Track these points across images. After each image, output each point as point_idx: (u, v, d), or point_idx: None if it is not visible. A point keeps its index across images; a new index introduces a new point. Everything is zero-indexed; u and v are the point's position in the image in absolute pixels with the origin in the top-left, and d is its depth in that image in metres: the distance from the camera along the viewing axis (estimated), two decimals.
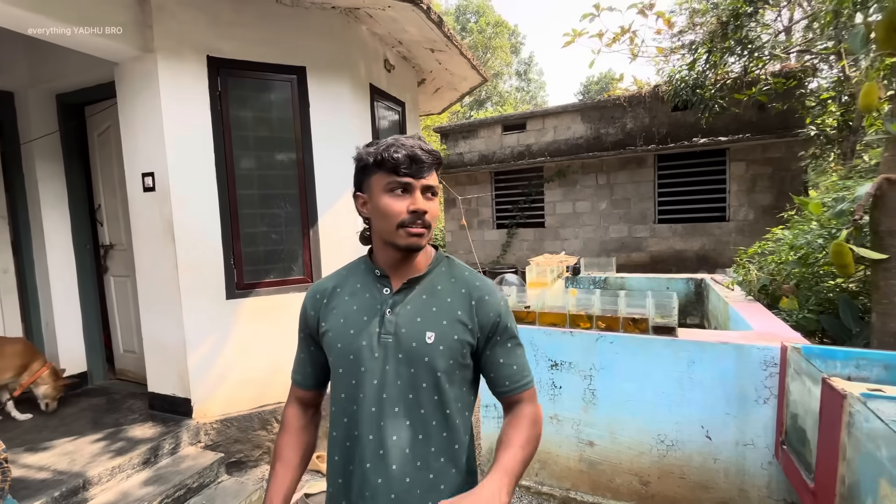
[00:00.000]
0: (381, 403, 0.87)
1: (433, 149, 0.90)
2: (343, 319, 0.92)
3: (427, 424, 0.88)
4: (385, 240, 0.91)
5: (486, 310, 0.93)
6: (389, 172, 0.87)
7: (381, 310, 0.91)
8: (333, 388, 0.95)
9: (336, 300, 0.95)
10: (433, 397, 0.88)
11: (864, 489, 1.24)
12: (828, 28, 4.86)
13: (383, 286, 0.94)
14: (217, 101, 2.71)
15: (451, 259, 1.02)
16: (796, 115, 6.08)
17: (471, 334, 0.91)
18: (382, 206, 0.87)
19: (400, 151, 0.86)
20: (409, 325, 0.89)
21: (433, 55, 3.83)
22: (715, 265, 7.02)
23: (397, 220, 0.86)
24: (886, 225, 2.08)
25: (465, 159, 9.34)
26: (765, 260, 3.18)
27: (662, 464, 2.18)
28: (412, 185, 0.87)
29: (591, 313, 2.36)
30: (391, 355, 0.88)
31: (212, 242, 2.74)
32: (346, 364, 0.90)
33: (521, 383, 0.95)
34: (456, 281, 0.96)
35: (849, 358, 1.70)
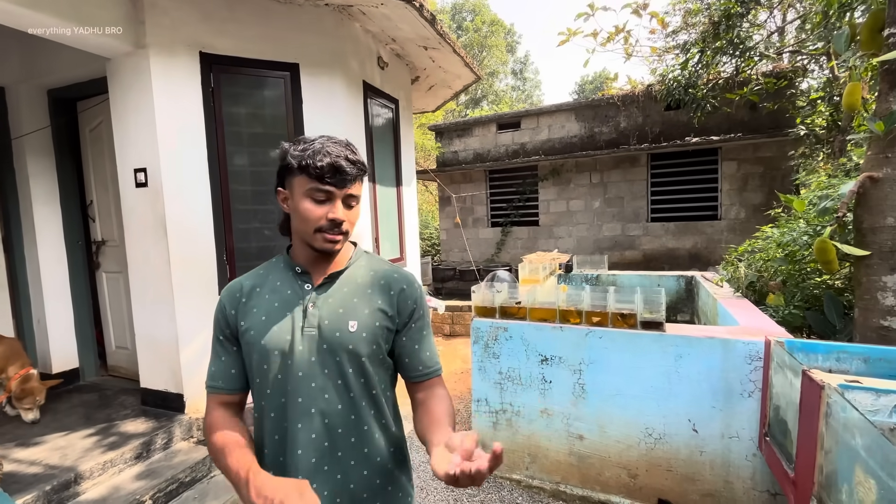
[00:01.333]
0: (309, 392, 0.90)
1: (359, 159, 0.92)
2: (265, 317, 0.93)
3: (357, 405, 0.94)
4: (303, 240, 0.94)
5: (405, 298, 1.00)
6: (312, 179, 0.87)
7: (303, 304, 0.94)
8: (257, 386, 0.94)
9: (255, 299, 0.96)
10: (360, 380, 0.94)
11: (841, 477, 1.27)
12: (817, 29, 4.92)
13: (304, 282, 0.96)
14: (210, 98, 2.72)
15: (370, 254, 1.08)
16: (787, 115, 6.15)
17: (391, 321, 0.98)
18: (302, 209, 0.89)
19: (324, 160, 0.86)
20: (331, 317, 0.93)
21: (427, 53, 3.85)
22: (707, 263, 7.09)
23: (315, 226, 0.89)
24: (869, 222, 2.12)
25: (460, 157, 9.36)
26: (753, 257, 3.23)
27: (650, 457, 2.22)
28: (334, 194, 0.89)
29: (580, 309, 2.39)
30: (316, 347, 0.91)
31: (204, 238, 2.75)
32: (270, 359, 0.91)
33: (434, 368, 1.02)
34: (375, 273, 1.01)
35: (830, 351, 1.74)
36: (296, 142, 0.93)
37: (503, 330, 2.52)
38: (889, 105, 2.05)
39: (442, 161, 9.59)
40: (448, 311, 5.59)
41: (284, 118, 2.95)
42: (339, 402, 0.92)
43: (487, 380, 2.58)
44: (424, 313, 1.04)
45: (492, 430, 2.58)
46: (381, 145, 3.75)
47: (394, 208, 3.97)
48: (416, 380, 1.01)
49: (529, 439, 2.49)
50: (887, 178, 2.05)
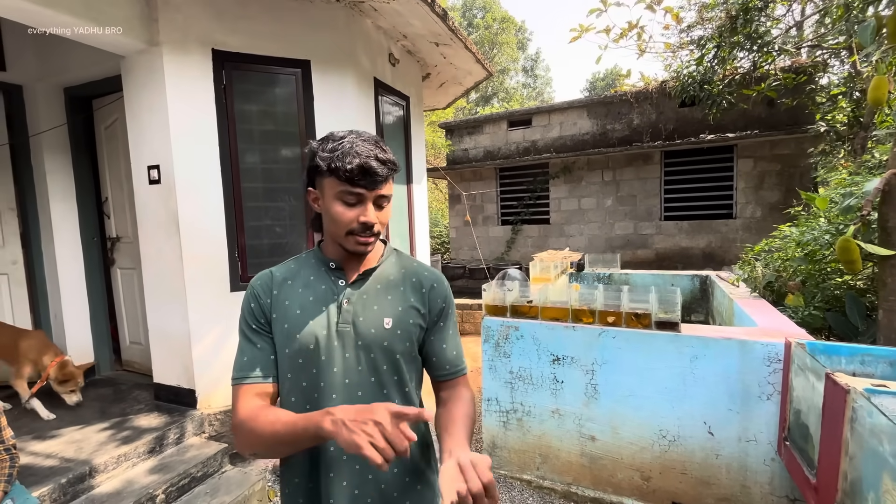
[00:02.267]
0: (344, 389, 0.90)
1: (389, 157, 0.90)
2: (300, 310, 0.92)
3: (391, 401, 0.91)
4: (335, 240, 0.94)
5: (435, 296, 1.01)
6: (342, 181, 0.86)
7: (337, 300, 0.94)
8: (288, 380, 0.92)
9: (288, 291, 0.95)
10: (393, 377, 0.94)
11: (867, 484, 1.23)
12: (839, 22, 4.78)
13: (338, 278, 0.96)
14: (222, 95, 2.72)
15: (399, 251, 1.08)
16: (806, 111, 6.00)
17: (423, 319, 0.99)
18: (333, 212, 0.88)
19: (353, 161, 0.84)
20: (366, 314, 0.93)
21: (438, 49, 3.82)
22: (721, 263, 6.96)
23: (347, 229, 0.89)
24: (894, 221, 2.05)
25: (470, 155, 9.32)
26: (771, 257, 3.15)
27: (664, 459, 2.18)
28: (364, 196, 0.87)
29: (593, 308, 2.36)
30: (350, 343, 0.91)
31: (216, 235, 2.76)
32: (305, 354, 0.90)
33: (460, 367, 1.03)
34: (406, 271, 1.02)
35: (853, 354, 1.69)
36: (324, 140, 0.91)
37: (514, 329, 2.50)
38: None
39: (452, 159, 9.56)
40: (458, 309, 5.57)
41: (296, 115, 2.95)
42: (372, 398, 0.92)
43: (498, 379, 2.56)
44: (452, 312, 1.05)
45: (502, 430, 2.56)
46: (391, 143, 3.74)
47: (404, 206, 3.96)
48: (442, 378, 1.02)
49: (540, 439, 2.46)
50: None
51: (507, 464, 2.56)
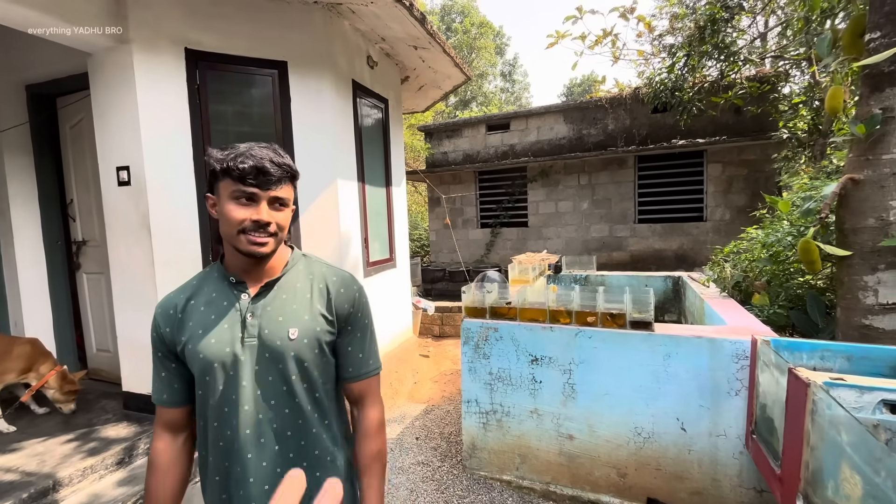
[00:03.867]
0: (255, 400, 0.92)
1: (286, 162, 0.92)
2: (202, 330, 0.92)
3: (303, 409, 0.96)
4: (230, 245, 0.93)
5: (342, 301, 1.01)
6: (235, 181, 0.87)
7: (241, 315, 0.94)
8: (200, 397, 0.95)
9: (190, 312, 0.95)
10: (303, 385, 0.96)
11: (827, 473, 1.29)
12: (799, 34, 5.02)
13: (240, 292, 0.96)
14: (196, 95, 2.67)
15: (309, 256, 1.07)
16: (770, 119, 6.27)
17: (331, 325, 1.00)
18: (226, 212, 0.89)
19: (247, 162, 0.86)
20: (271, 326, 0.94)
21: (416, 52, 3.84)
22: (693, 264, 7.19)
23: (238, 227, 0.89)
24: (850, 223, 2.17)
25: (450, 158, 9.36)
26: (738, 258, 3.28)
27: (639, 456, 2.23)
28: (258, 196, 0.89)
29: (570, 309, 2.40)
30: (258, 356, 0.93)
31: (190, 238, 2.70)
32: (212, 372, 0.91)
33: (364, 371, 1.05)
34: (314, 277, 1.02)
35: (814, 350, 1.77)
36: (222, 149, 0.92)
37: (493, 330, 2.52)
38: (870, 108, 2.09)
39: (431, 162, 9.58)
40: (438, 311, 5.57)
41: (272, 117, 2.91)
42: (285, 406, 0.94)
43: (478, 380, 2.57)
44: (363, 315, 1.06)
45: (482, 431, 2.57)
46: (370, 145, 3.72)
47: (383, 209, 3.95)
48: (346, 380, 1.05)
49: (519, 440, 2.49)
50: (868, 180, 2.10)
51: (487, 465, 2.58)
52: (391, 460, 2.78)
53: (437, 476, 2.60)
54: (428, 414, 3.41)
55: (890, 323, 2.11)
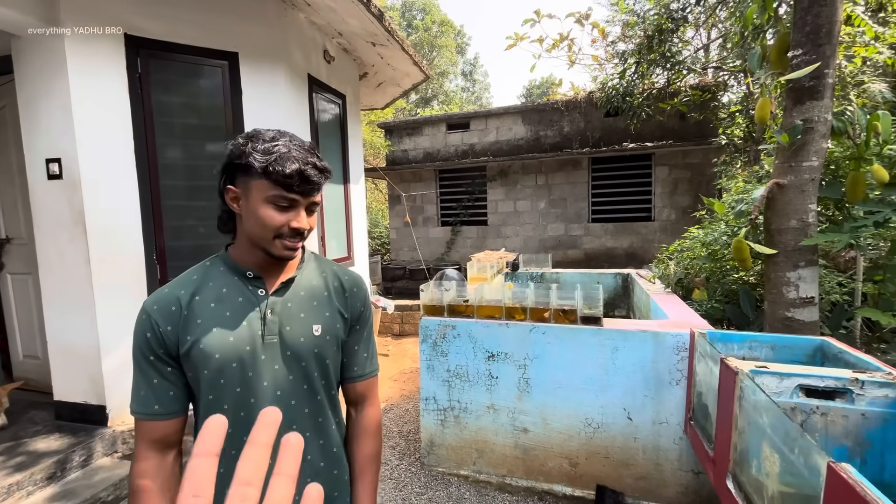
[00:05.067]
0: (276, 400, 0.89)
1: (326, 165, 0.89)
2: (216, 327, 0.86)
3: (323, 408, 0.96)
4: (257, 245, 0.88)
5: (356, 300, 1.02)
6: (276, 185, 0.82)
7: (260, 312, 0.89)
8: (209, 402, 0.87)
9: (198, 308, 0.87)
10: (322, 382, 0.95)
11: (751, 453, 1.41)
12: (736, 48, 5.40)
13: (258, 287, 0.91)
14: (137, 84, 2.51)
15: (318, 255, 1.06)
16: (711, 125, 6.70)
17: (346, 323, 0.99)
18: (262, 215, 0.84)
19: (290, 166, 0.81)
20: (293, 323, 0.91)
21: (375, 49, 3.80)
22: (642, 262, 7.56)
23: (276, 233, 0.85)
24: (776, 224, 2.36)
25: (410, 156, 9.33)
26: (681, 256, 3.49)
27: (590, 445, 2.33)
28: (299, 203, 0.86)
29: (525, 305, 2.47)
30: (279, 354, 0.89)
31: (131, 236, 2.54)
32: (229, 373, 0.86)
33: (369, 370, 1.05)
34: (328, 275, 1.01)
35: (744, 340, 1.92)
36: (252, 139, 0.85)
37: (451, 328, 2.55)
38: (793, 119, 2.29)
39: (392, 159, 9.51)
40: (398, 310, 5.55)
41: (222, 109, 2.79)
42: (306, 406, 0.93)
43: (436, 378, 2.60)
44: (370, 314, 1.06)
45: (440, 428, 2.60)
46: (327, 141, 3.65)
47: (341, 206, 3.88)
48: (349, 380, 1.03)
49: (476, 435, 2.53)
50: (791, 185, 2.29)
51: (445, 461, 2.61)
52: None
53: (395, 475, 2.60)
54: (387, 413, 3.40)
55: (808, 315, 2.32)
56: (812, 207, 2.29)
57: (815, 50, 2.22)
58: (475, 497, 2.41)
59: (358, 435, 1.03)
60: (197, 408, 0.90)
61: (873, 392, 1.44)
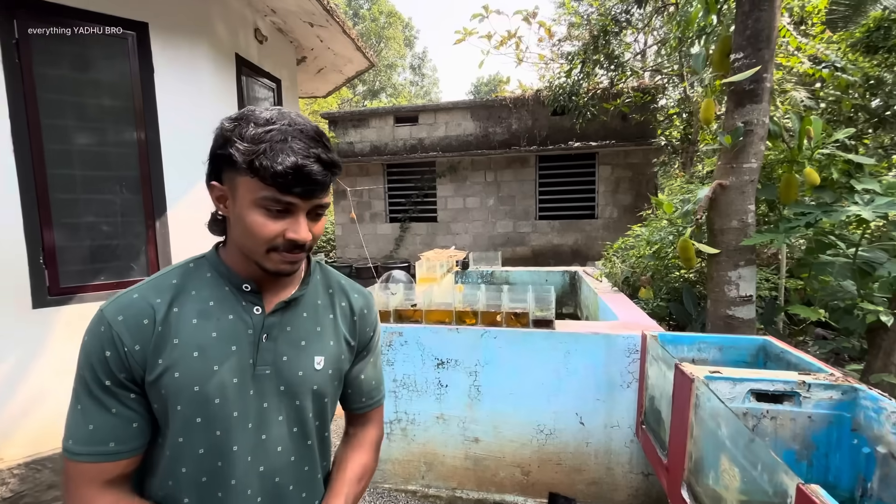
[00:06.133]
0: (257, 447, 0.71)
1: (333, 158, 0.68)
2: (197, 352, 0.68)
3: (312, 455, 0.79)
4: (249, 257, 0.71)
5: (365, 325, 0.86)
6: (267, 185, 0.63)
7: (253, 336, 0.72)
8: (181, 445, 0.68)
9: (177, 325, 0.69)
10: (316, 423, 0.79)
11: (708, 464, 1.37)
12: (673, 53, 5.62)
13: (253, 304, 0.73)
14: (13, 53, 2.09)
15: (323, 265, 0.88)
16: (651, 127, 6.98)
17: (352, 351, 0.84)
18: (250, 222, 0.66)
19: (286, 161, 0.62)
20: (292, 352, 0.74)
21: (313, 30, 3.50)
22: (586, 258, 7.77)
23: (268, 245, 0.67)
24: (718, 224, 2.40)
25: (356, 149, 8.97)
26: (627, 254, 3.53)
27: (542, 453, 2.25)
28: (297, 207, 0.66)
29: (476, 309, 2.34)
30: (271, 389, 0.72)
31: (7, 234, 2.11)
32: (207, 411, 0.67)
33: (376, 399, 0.91)
34: (334, 292, 0.84)
35: (693, 342, 1.91)
36: (241, 121, 0.65)
37: (398, 335, 2.37)
38: (735, 122, 2.32)
39: (337, 152, 9.09)
40: None
41: (129, 88, 2.41)
42: (292, 453, 0.75)
43: None
44: (378, 339, 0.92)
45: (386, 442, 2.42)
46: None
47: None
48: (355, 411, 0.90)
49: (425, 447, 2.38)
50: (733, 186, 2.33)
51: (392, 477, 2.43)
52: None
53: None
54: None
55: (747, 313, 2.38)
56: (751, 208, 2.34)
57: (756, 54, 2.26)
58: None
59: (353, 446, 0.88)
60: (154, 451, 0.70)
61: (819, 394, 1.44)
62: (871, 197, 2.07)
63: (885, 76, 3.38)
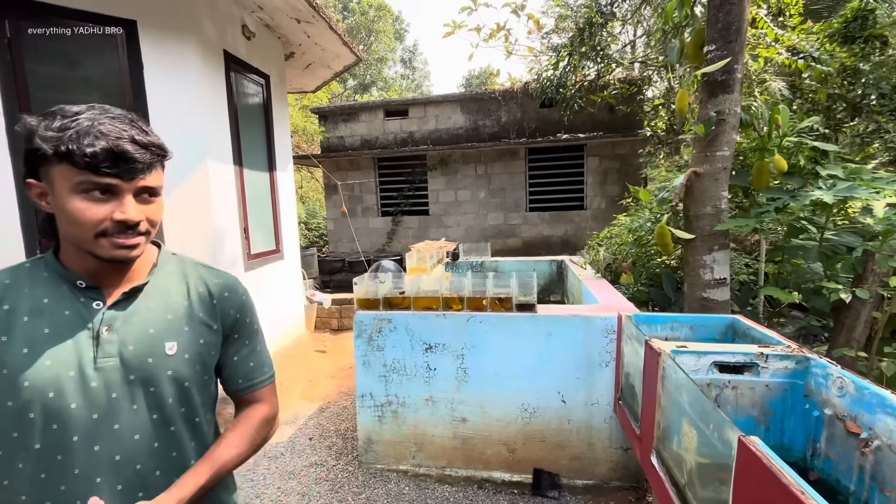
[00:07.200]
0: (112, 436, 0.73)
1: (153, 140, 0.71)
2: (28, 349, 0.69)
3: (179, 439, 0.80)
4: (81, 247, 0.72)
5: (228, 307, 0.88)
6: (80, 169, 0.65)
7: (92, 329, 0.73)
8: (14, 441, 0.70)
9: (7, 322, 0.70)
10: (181, 410, 0.80)
11: (672, 429, 1.47)
12: (658, 44, 5.71)
13: (91, 299, 0.75)
14: (6, 51, 2.13)
15: (180, 256, 0.91)
16: (637, 118, 7.08)
17: (216, 335, 0.86)
18: (71, 210, 0.67)
19: (97, 143, 0.64)
20: (139, 341, 0.76)
21: (300, 26, 3.54)
22: (576, 248, 7.88)
23: (96, 230, 0.69)
24: (694, 210, 2.51)
25: (347, 143, 9.00)
26: (610, 242, 3.64)
27: (526, 431, 2.36)
28: (119, 188, 0.68)
29: (462, 295, 2.43)
30: (119, 379, 0.74)
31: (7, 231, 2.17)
32: (40, 406, 0.69)
33: (257, 380, 0.92)
34: (191, 280, 0.86)
35: (666, 322, 2.02)
36: (48, 115, 0.68)
37: (387, 321, 2.46)
38: (708, 111, 2.42)
39: (327, 146, 9.12)
40: (335, 304, 5.35)
41: (119, 84, 2.46)
42: (154, 439, 0.77)
43: (372, 374, 2.50)
44: (252, 321, 0.93)
45: (377, 425, 2.52)
46: (249, 125, 3.37)
47: (267, 196, 3.62)
48: (236, 392, 0.92)
49: (415, 428, 2.48)
50: (707, 174, 2.44)
51: (384, 457, 2.54)
52: (281, 466, 2.59)
53: (331, 476, 2.49)
54: (323, 412, 3.26)
55: (721, 295, 2.50)
56: (724, 195, 2.45)
57: (727, 46, 2.35)
58: (415, 491, 2.36)
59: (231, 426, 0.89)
60: None
61: (776, 364, 1.56)
62: (834, 182, 2.18)
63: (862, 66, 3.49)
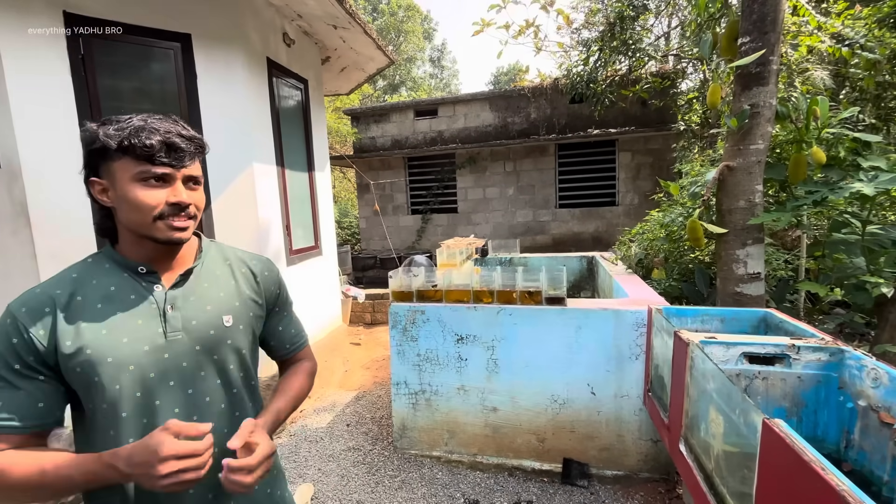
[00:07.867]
0: (187, 401, 0.84)
1: (194, 134, 0.84)
2: (106, 330, 0.79)
3: (241, 400, 0.94)
4: (140, 233, 0.82)
5: (269, 283, 1.02)
6: (141, 161, 0.77)
7: (159, 308, 0.84)
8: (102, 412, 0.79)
9: (79, 310, 0.79)
10: (240, 374, 0.94)
11: (700, 417, 1.51)
12: (693, 36, 5.57)
13: (152, 283, 0.85)
14: (80, 67, 2.37)
15: (218, 243, 1.02)
16: (671, 112, 6.92)
17: (261, 308, 1.00)
18: (133, 197, 0.78)
19: (153, 137, 0.77)
20: (199, 316, 0.87)
21: (336, 32, 3.70)
22: (607, 245, 7.79)
23: (154, 213, 0.79)
24: (726, 204, 2.49)
25: (378, 143, 9.21)
26: (641, 238, 3.63)
27: (556, 421, 2.42)
28: (171, 176, 0.80)
29: (492, 288, 2.52)
30: (185, 351, 0.84)
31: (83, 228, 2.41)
32: (125, 378, 0.79)
33: (299, 343, 1.11)
34: (232, 262, 0.98)
35: (696, 315, 2.04)
36: (105, 122, 0.79)
37: (420, 313, 2.57)
38: (741, 105, 2.40)
39: (359, 147, 9.36)
40: (369, 299, 5.53)
41: (176, 94, 2.67)
42: (222, 401, 0.90)
43: (406, 363, 2.62)
44: (286, 294, 1.09)
45: (412, 412, 2.64)
46: (290, 127, 3.56)
47: (306, 194, 3.81)
48: (285, 357, 1.09)
49: (448, 416, 2.58)
50: (740, 167, 2.41)
51: (418, 443, 2.65)
52: (321, 449, 2.76)
53: (368, 459, 2.63)
54: (359, 400, 3.41)
55: (755, 290, 2.47)
56: (758, 188, 2.42)
57: (762, 37, 2.32)
58: (447, 476, 2.47)
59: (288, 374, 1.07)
60: (84, 419, 0.82)
61: (808, 356, 1.56)
62: (876, 174, 2.12)
63: None
